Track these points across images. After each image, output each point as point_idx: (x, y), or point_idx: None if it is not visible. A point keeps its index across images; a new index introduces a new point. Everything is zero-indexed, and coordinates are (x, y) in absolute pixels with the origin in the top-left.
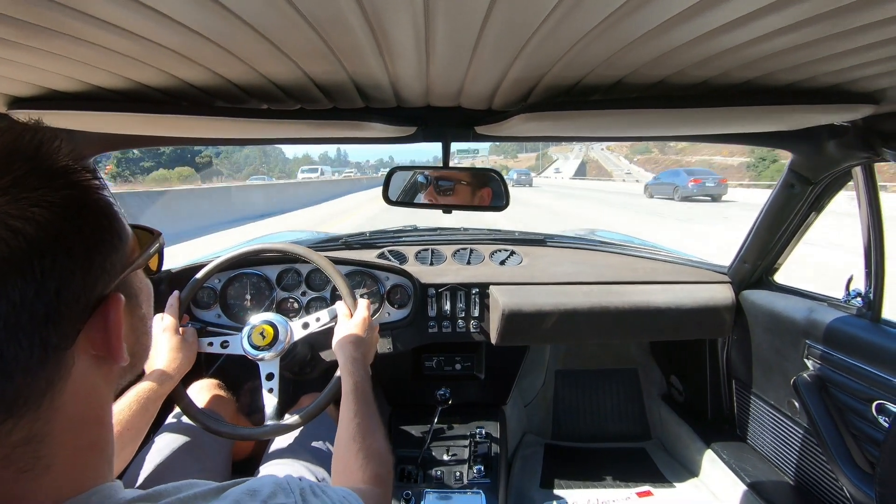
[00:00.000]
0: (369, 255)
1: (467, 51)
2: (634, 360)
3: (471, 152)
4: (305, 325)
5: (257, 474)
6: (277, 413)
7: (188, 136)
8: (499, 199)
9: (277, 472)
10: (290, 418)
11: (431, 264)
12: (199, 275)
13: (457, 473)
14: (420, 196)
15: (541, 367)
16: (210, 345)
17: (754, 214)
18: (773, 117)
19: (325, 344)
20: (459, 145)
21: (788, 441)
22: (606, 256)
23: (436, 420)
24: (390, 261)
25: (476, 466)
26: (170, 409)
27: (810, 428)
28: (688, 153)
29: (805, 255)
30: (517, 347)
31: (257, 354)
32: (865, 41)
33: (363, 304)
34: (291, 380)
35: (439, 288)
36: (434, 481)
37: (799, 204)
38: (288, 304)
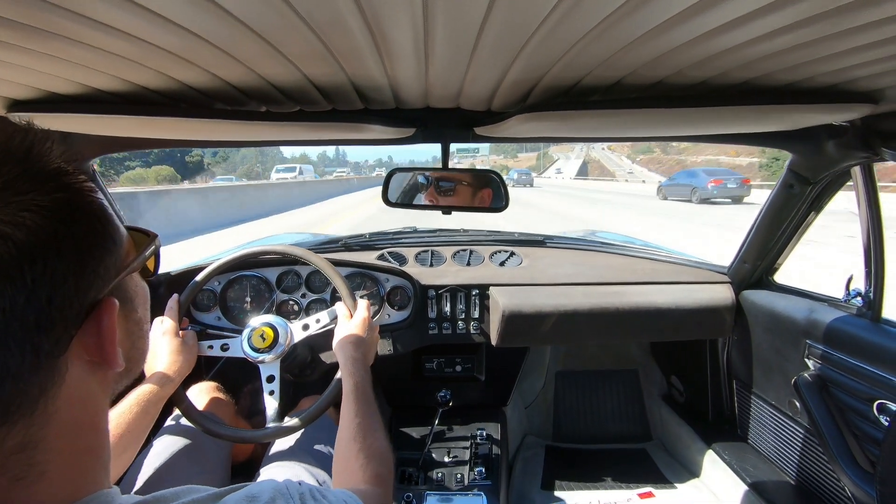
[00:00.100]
0: (369, 257)
1: (466, 52)
2: (635, 361)
3: (471, 152)
4: (305, 327)
5: (258, 477)
6: (278, 415)
7: (187, 139)
8: (498, 200)
9: (278, 474)
10: (291, 420)
11: (431, 266)
12: (198, 277)
13: (457, 475)
14: (419, 197)
15: (541, 368)
16: (210, 348)
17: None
18: (772, 117)
19: (325, 346)
20: (459, 145)
21: (789, 441)
22: (606, 257)
23: (436, 422)
24: (390, 262)
25: (477, 468)
26: (169, 412)
27: (811, 428)
28: (691, 153)
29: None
30: (517, 349)
31: (257, 357)
32: (864, 41)
33: (363, 304)
34: (291, 382)
35: (439, 289)
36: (435, 483)
37: (798, 204)
38: (288, 307)
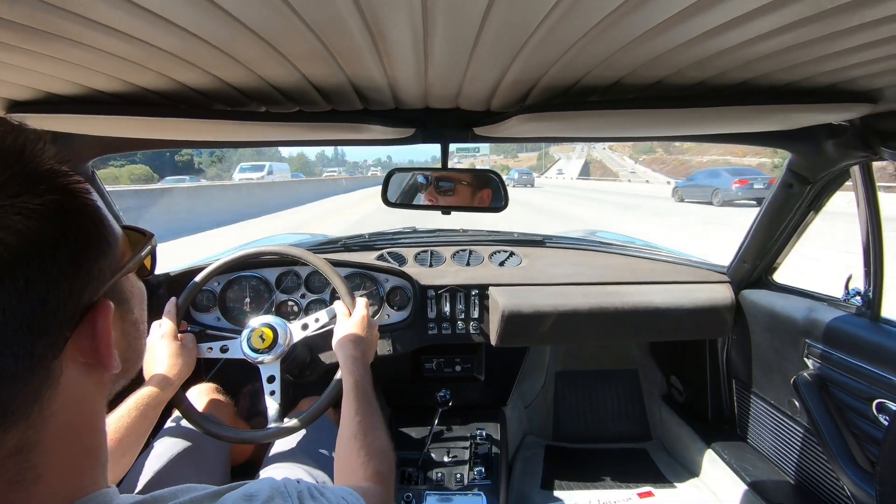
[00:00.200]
0: (368, 257)
1: (465, 53)
2: (634, 361)
3: (471, 151)
4: (304, 327)
5: (257, 478)
6: (279, 416)
7: (187, 139)
8: (497, 200)
9: (278, 475)
10: (291, 421)
11: (431, 266)
12: (197, 278)
13: (457, 475)
14: (419, 197)
15: (541, 368)
16: (209, 350)
17: (833, 223)
18: (771, 117)
19: (324, 346)
20: (459, 145)
21: (789, 440)
22: (606, 257)
23: (436, 422)
24: (389, 262)
25: (476, 468)
26: (168, 414)
27: (810, 427)
28: (695, 153)
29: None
30: (517, 349)
31: (257, 357)
32: (862, 40)
33: (362, 302)
34: (291, 382)
35: (439, 289)
36: (434, 483)
37: (797, 203)
38: (287, 307)
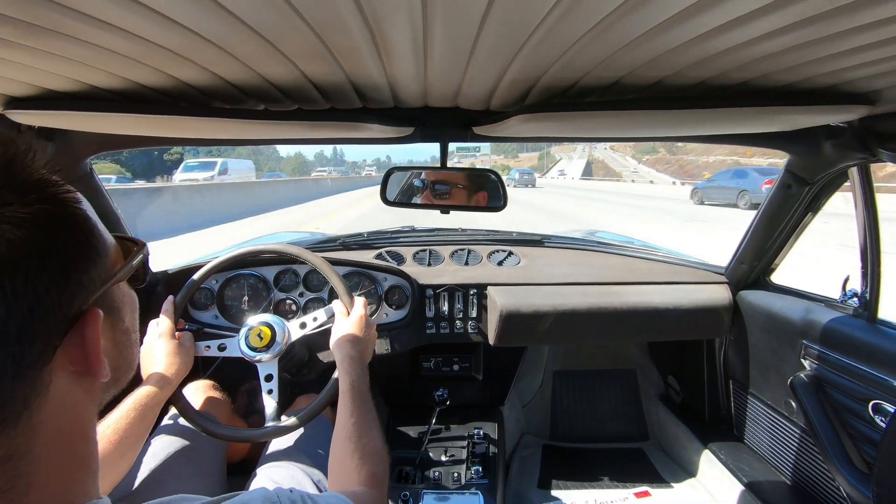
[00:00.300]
0: (367, 256)
1: (465, 52)
2: (632, 361)
3: (471, 151)
4: (303, 325)
5: (254, 477)
6: (277, 414)
7: (185, 137)
8: (496, 200)
9: (274, 474)
10: (289, 419)
11: (429, 265)
12: (195, 276)
13: (455, 474)
14: (418, 196)
15: (539, 367)
16: (207, 348)
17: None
18: (770, 118)
19: (322, 345)
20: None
21: (785, 441)
22: (604, 257)
23: (434, 421)
24: (388, 261)
25: (474, 467)
26: (166, 412)
27: (807, 428)
28: (699, 153)
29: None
30: (515, 348)
31: (255, 356)
32: (861, 42)
33: (360, 301)
34: (289, 381)
35: (437, 289)
36: (432, 482)
37: (795, 204)
38: (285, 305)
